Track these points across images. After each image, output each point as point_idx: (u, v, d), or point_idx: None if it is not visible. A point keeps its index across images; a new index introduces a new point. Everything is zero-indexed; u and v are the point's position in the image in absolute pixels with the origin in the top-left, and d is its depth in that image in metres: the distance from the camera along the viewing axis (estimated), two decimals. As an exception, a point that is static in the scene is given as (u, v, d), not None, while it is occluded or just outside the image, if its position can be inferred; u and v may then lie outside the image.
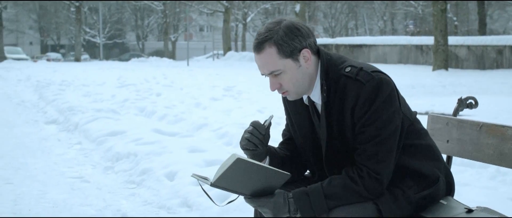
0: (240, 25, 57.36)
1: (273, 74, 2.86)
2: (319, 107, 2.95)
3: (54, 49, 79.62)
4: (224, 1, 44.11)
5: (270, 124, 2.97)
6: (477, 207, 2.92)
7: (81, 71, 25.77)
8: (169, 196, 6.12)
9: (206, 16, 58.50)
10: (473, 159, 3.31)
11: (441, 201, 2.94)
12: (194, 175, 2.85)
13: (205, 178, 2.81)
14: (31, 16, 75.96)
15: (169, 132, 9.39)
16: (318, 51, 2.92)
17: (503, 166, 3.15)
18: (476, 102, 3.51)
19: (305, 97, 2.99)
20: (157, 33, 76.76)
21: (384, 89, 2.77)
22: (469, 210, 2.86)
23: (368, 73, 2.79)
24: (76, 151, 8.91)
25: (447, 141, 3.46)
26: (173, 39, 61.60)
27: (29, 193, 6.59)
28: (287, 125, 3.19)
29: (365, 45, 36.31)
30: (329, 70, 2.87)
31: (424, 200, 2.90)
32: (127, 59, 50.23)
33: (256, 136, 2.92)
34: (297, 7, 35.22)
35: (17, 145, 9.43)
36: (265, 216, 2.88)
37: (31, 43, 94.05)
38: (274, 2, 56.73)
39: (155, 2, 54.04)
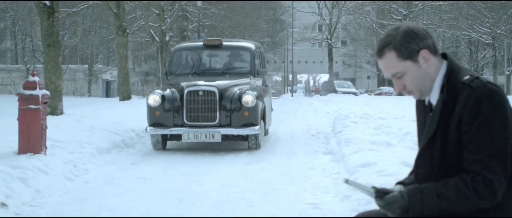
0: None
1: (396, 77, 3.09)
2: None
3: (391, 82, 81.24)
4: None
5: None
6: None
7: (391, 105, 26.14)
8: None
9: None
10: None
11: None
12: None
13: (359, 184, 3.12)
14: (368, 51, 78.74)
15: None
16: (436, 52, 3.07)
17: None
18: None
19: (427, 99, 3.17)
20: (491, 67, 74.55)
21: (495, 98, 2.89)
22: None
23: (482, 82, 2.93)
24: (331, 180, 9.39)
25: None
26: (507, 72, 59.49)
27: (253, 213, 7.29)
28: None
29: None
30: (451, 75, 3.03)
31: None
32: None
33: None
34: None
35: (282, 173, 10.20)
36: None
37: (368, 77, 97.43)
38: None
39: (484, 35, 52.70)
